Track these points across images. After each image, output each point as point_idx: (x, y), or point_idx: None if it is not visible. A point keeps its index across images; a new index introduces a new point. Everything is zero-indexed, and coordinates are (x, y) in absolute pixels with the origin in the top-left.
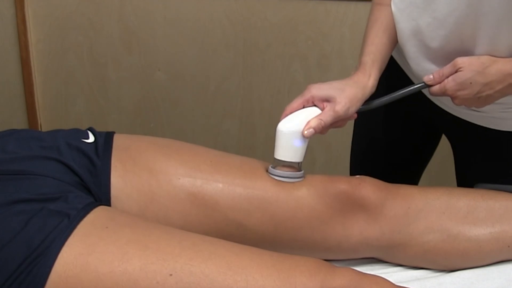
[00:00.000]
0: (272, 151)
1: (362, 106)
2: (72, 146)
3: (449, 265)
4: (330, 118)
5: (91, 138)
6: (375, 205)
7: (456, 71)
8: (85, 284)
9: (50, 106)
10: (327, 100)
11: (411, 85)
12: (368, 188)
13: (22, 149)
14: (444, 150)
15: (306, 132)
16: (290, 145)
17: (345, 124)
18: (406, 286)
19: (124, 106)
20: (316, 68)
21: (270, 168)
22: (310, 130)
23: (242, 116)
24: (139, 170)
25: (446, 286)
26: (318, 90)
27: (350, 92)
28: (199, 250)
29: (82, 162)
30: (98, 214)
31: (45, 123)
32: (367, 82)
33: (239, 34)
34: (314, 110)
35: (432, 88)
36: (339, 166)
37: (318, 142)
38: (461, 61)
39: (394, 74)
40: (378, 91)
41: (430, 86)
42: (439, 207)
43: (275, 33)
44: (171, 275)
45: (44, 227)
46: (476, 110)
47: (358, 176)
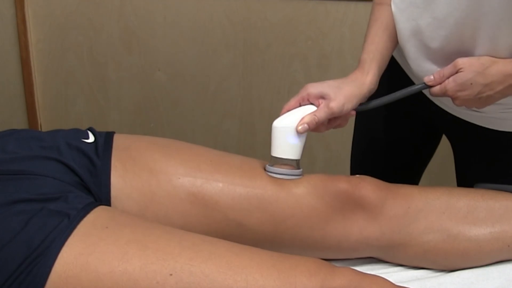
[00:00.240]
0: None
1: (361, 105)
2: (72, 146)
3: (449, 265)
4: (324, 114)
5: (91, 138)
6: (375, 204)
7: (456, 72)
8: (85, 284)
9: (50, 106)
10: (322, 97)
11: (412, 85)
12: (368, 187)
13: (22, 149)
14: (444, 150)
15: (300, 127)
16: (285, 141)
17: (346, 123)
18: (406, 286)
19: (124, 106)
20: (316, 68)
21: (267, 166)
22: (304, 125)
23: (242, 116)
24: (139, 170)
25: (446, 286)
26: (313, 88)
27: (346, 89)
28: (199, 250)
29: (82, 162)
30: (98, 214)
31: (45, 123)
32: (365, 79)
33: (239, 34)
34: (310, 108)
35: (432, 89)
36: (339, 166)
37: (318, 141)
38: (461, 61)
39: (395, 74)
40: (379, 91)
41: (430, 86)
42: (439, 207)
43: (275, 33)
44: (171, 275)
45: (44, 227)
46: (476, 111)
47: (358, 175)
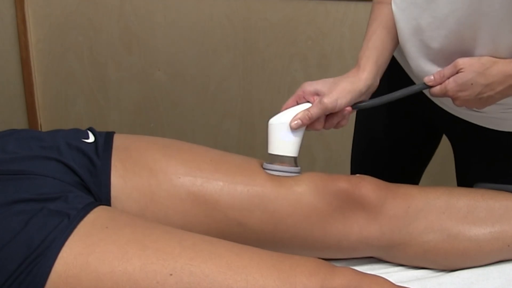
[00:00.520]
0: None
1: (360, 104)
2: (72, 146)
3: (449, 264)
4: (317, 110)
5: (91, 138)
6: (375, 204)
7: (457, 72)
8: (85, 284)
9: (50, 106)
10: (317, 94)
11: (412, 85)
12: (368, 187)
13: (22, 149)
14: (444, 150)
15: (293, 123)
16: (280, 138)
17: (346, 122)
18: (406, 286)
19: (124, 106)
20: (316, 68)
21: (264, 163)
22: (297, 121)
23: (242, 116)
24: (139, 170)
25: (446, 286)
26: (309, 85)
27: (340, 85)
28: (199, 250)
29: (82, 162)
30: (98, 214)
31: (45, 123)
32: (360, 75)
33: (239, 34)
34: (306, 106)
35: (432, 89)
36: (339, 166)
37: (318, 141)
38: (462, 62)
39: (395, 74)
40: (380, 90)
41: (430, 87)
42: (439, 207)
43: (275, 33)
44: (171, 275)
45: (44, 227)
46: (476, 111)
47: (358, 175)
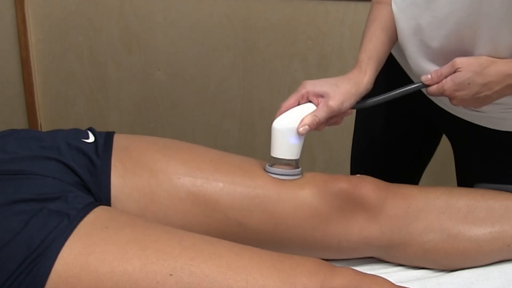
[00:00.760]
0: (270, 150)
1: (358, 104)
2: (72, 146)
3: (449, 264)
4: (324, 114)
5: (91, 138)
6: (375, 204)
7: (454, 71)
8: (85, 284)
9: (50, 106)
10: (321, 95)
11: (409, 84)
12: (368, 187)
13: (22, 149)
14: (444, 150)
15: (301, 129)
16: (285, 142)
17: (341, 121)
18: (406, 286)
19: (124, 106)
20: (316, 68)
21: (267, 166)
22: (305, 127)
23: (242, 116)
24: (139, 170)
25: (446, 286)
26: (312, 86)
27: (344, 87)
28: (199, 250)
29: (82, 162)
30: (98, 214)
31: (45, 123)
32: (362, 78)
33: (239, 34)
34: (309, 106)
35: (430, 88)
36: (339, 166)
37: (318, 141)
38: (459, 61)
39: (393, 72)
40: (377, 89)
41: (428, 86)
42: (439, 207)
43: (275, 33)
44: (171, 275)
45: (44, 227)
46: (476, 110)
47: (358, 175)
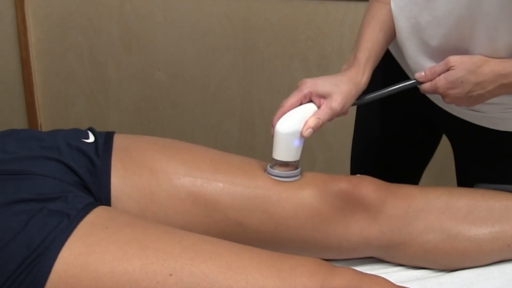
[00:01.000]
0: (272, 151)
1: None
2: (72, 146)
3: (449, 264)
4: (327, 116)
5: (91, 138)
6: (375, 204)
7: (448, 70)
8: (85, 284)
9: (50, 106)
10: (324, 96)
11: (403, 81)
12: (368, 187)
13: (22, 149)
14: (444, 150)
15: (306, 133)
16: (288, 145)
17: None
18: (406, 286)
19: (124, 106)
20: (316, 68)
21: (268, 168)
22: (309, 130)
23: (242, 116)
24: (139, 170)
25: (446, 286)
26: (315, 86)
27: (345, 88)
28: (199, 250)
29: (82, 162)
30: (98, 214)
31: (45, 123)
32: (361, 79)
33: (239, 34)
34: (310, 107)
35: (423, 85)
36: (339, 166)
37: (318, 142)
38: (453, 59)
39: (390, 68)
40: (374, 87)
41: (421, 83)
42: (439, 207)
43: (275, 33)
44: (171, 275)
45: (44, 227)
46: (476, 110)
47: (358, 175)
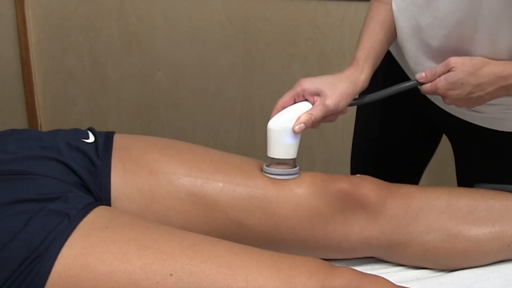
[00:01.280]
0: (267, 150)
1: (353, 101)
2: (72, 146)
3: (449, 264)
4: (320, 113)
5: (91, 138)
6: (375, 204)
7: (448, 71)
8: (85, 284)
9: (50, 106)
10: (318, 94)
11: (403, 82)
12: (368, 187)
13: (22, 149)
14: (444, 150)
15: (296, 127)
16: (281, 142)
17: (335, 118)
18: (406, 286)
19: (124, 106)
20: (316, 68)
21: (264, 166)
22: (300, 125)
23: (242, 116)
24: (139, 170)
25: (446, 286)
26: (309, 84)
27: (341, 86)
28: (199, 250)
29: (82, 162)
30: (98, 214)
31: (45, 123)
32: (359, 77)
33: (239, 34)
34: (304, 105)
35: (423, 86)
36: (339, 166)
37: (318, 141)
38: (453, 61)
39: (391, 70)
40: (375, 87)
41: (421, 84)
42: (439, 207)
43: (275, 33)
44: (171, 275)
45: (44, 227)
46: (476, 111)
47: (358, 175)
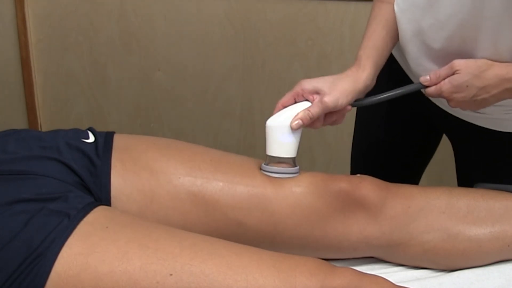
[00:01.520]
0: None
1: (356, 102)
2: (72, 146)
3: (449, 264)
4: (318, 109)
5: (91, 138)
6: (375, 204)
7: (453, 73)
8: (85, 284)
9: (50, 106)
10: (317, 92)
11: (407, 85)
12: (368, 187)
13: (22, 149)
14: (444, 150)
15: (293, 124)
16: (279, 140)
17: (342, 120)
18: (406, 286)
19: (124, 106)
20: (316, 68)
21: (263, 165)
22: (298, 122)
23: (242, 116)
24: (139, 170)
25: (446, 286)
26: (308, 83)
27: (341, 84)
28: (199, 250)
29: (82, 162)
30: (98, 214)
31: (45, 123)
32: (360, 75)
33: (239, 34)
34: (304, 105)
35: (428, 89)
36: (339, 166)
37: (318, 142)
38: (458, 63)
39: (394, 72)
40: (378, 89)
41: (426, 87)
42: (439, 207)
43: (275, 33)
44: (171, 275)
45: (44, 227)
46: (479, 112)
47: (358, 175)
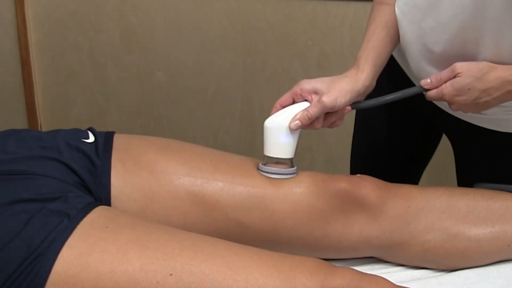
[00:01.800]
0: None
1: (355, 104)
2: (72, 146)
3: (449, 264)
4: (316, 109)
5: (91, 138)
6: (375, 204)
7: (454, 76)
8: (85, 284)
9: (50, 106)
10: (315, 92)
11: (408, 88)
12: (368, 187)
13: (22, 149)
14: (444, 150)
15: (292, 124)
16: (277, 140)
17: (341, 122)
18: (406, 286)
19: (124, 106)
20: (316, 68)
21: (260, 165)
22: (296, 122)
23: (242, 116)
24: (139, 170)
25: (446, 286)
26: (306, 83)
27: (339, 84)
28: (199, 250)
29: (82, 162)
30: (98, 214)
31: (45, 123)
32: (360, 76)
33: (239, 34)
34: (303, 105)
35: (429, 92)
36: (339, 166)
37: (318, 142)
38: (459, 66)
39: (395, 74)
40: (378, 91)
41: (427, 90)
42: (439, 207)
43: (275, 33)
44: (171, 275)
45: (44, 227)
46: (480, 113)
47: (358, 175)
